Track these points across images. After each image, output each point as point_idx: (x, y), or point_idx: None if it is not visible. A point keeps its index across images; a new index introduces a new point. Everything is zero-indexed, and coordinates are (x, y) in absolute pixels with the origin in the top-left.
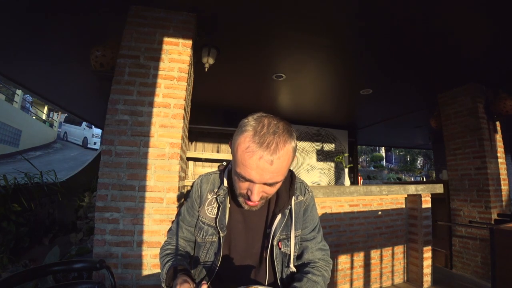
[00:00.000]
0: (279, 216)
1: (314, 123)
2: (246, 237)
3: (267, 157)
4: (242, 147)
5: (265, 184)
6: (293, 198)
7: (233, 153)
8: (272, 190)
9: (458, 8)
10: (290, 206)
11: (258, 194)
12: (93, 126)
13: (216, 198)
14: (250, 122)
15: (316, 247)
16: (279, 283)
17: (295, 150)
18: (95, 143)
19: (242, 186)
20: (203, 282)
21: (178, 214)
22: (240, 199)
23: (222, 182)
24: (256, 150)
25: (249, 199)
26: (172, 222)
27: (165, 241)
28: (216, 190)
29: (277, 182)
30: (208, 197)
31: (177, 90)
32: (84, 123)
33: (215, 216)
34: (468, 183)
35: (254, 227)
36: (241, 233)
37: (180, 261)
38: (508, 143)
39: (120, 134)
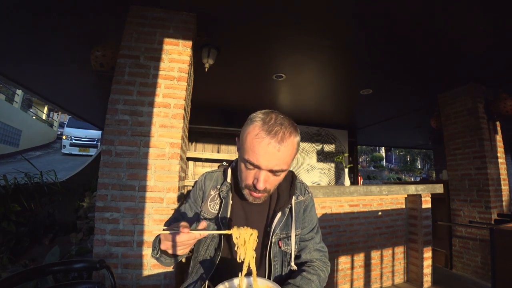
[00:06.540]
0: (279, 214)
1: (314, 123)
2: None
3: (275, 144)
4: (251, 134)
5: (270, 171)
6: (294, 197)
7: (242, 142)
8: (276, 181)
9: (458, 8)
10: (290, 205)
11: (264, 182)
12: (65, 125)
13: (218, 194)
14: (259, 115)
15: (314, 247)
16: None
17: (298, 144)
18: (64, 146)
19: (249, 175)
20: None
21: (178, 210)
22: (245, 191)
23: (225, 179)
24: (265, 136)
25: (254, 189)
26: (170, 217)
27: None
28: (219, 186)
29: (282, 171)
30: (211, 193)
31: (177, 90)
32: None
33: (217, 212)
34: (468, 183)
35: (255, 225)
36: None
37: None
38: (508, 143)
39: (120, 134)
